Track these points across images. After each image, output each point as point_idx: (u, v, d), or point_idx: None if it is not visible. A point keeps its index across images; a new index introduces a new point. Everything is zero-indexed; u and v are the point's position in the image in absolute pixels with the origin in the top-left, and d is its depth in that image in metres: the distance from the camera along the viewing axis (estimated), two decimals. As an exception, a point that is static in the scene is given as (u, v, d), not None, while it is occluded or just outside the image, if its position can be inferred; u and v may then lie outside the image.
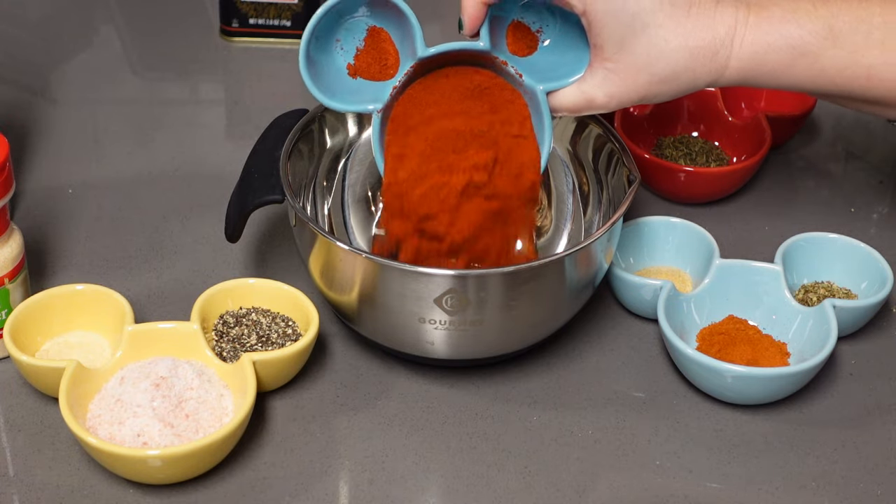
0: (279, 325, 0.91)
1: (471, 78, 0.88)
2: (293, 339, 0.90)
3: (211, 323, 0.91)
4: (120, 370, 0.86)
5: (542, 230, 1.02)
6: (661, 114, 1.14)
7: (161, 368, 0.85)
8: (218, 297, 0.91)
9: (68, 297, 0.91)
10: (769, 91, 1.17)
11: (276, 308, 0.92)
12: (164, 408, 0.83)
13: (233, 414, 0.84)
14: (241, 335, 0.90)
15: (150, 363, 0.86)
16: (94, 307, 0.91)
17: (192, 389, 0.85)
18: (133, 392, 0.84)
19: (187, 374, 0.85)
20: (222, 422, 0.84)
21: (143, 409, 0.83)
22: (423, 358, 0.92)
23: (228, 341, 0.90)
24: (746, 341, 0.94)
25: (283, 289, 0.92)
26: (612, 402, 0.92)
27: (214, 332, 0.91)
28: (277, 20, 1.26)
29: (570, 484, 0.86)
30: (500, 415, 0.91)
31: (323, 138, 0.99)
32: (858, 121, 1.22)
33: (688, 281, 1.00)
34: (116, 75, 1.23)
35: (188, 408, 0.84)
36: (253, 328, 0.91)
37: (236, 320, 0.91)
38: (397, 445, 0.88)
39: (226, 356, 0.89)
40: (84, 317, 0.91)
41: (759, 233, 1.07)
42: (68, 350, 0.90)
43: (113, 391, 0.85)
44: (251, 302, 0.92)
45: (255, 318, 0.91)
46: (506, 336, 0.90)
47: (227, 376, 0.87)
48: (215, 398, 0.85)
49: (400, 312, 0.87)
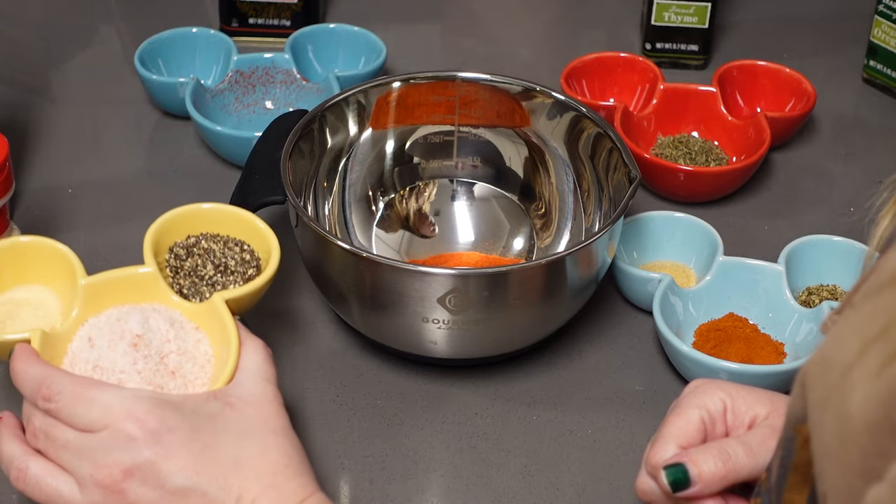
0: (233, 251, 0.84)
1: None
2: (252, 265, 0.84)
3: (163, 259, 0.83)
4: (81, 328, 0.79)
5: (543, 230, 1.02)
6: (661, 113, 1.14)
7: (133, 325, 0.78)
8: (166, 229, 0.84)
9: (9, 251, 0.83)
10: (769, 91, 1.17)
11: (224, 232, 0.85)
12: (149, 369, 0.76)
13: (213, 359, 0.79)
14: (195, 267, 0.83)
15: (116, 319, 0.79)
16: (37, 262, 0.83)
17: (170, 342, 0.78)
18: (110, 356, 0.77)
19: (160, 326, 0.78)
20: (205, 370, 0.78)
21: (128, 374, 0.76)
22: (423, 357, 0.92)
23: (185, 276, 0.83)
24: (743, 339, 0.94)
25: (230, 211, 0.86)
26: (613, 401, 0.92)
27: (168, 268, 0.83)
28: (277, 20, 1.26)
29: (570, 484, 0.86)
30: (500, 414, 0.91)
31: (323, 138, 0.99)
32: (858, 121, 1.22)
33: (691, 276, 1.00)
34: (116, 75, 1.23)
35: (171, 364, 0.77)
36: (206, 257, 0.83)
37: (187, 251, 0.84)
38: (397, 445, 0.88)
39: (186, 293, 0.82)
40: (27, 273, 0.83)
41: (759, 232, 1.07)
42: (17, 310, 0.82)
43: (85, 355, 0.77)
44: (198, 229, 0.85)
45: (205, 246, 0.84)
46: (508, 335, 0.90)
47: (195, 317, 0.80)
48: (193, 345, 0.79)
49: (403, 312, 0.87)
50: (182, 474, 0.70)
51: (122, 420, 0.70)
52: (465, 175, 1.05)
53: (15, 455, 0.73)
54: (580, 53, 1.18)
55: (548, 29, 1.36)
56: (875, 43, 1.22)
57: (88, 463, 0.70)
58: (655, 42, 1.24)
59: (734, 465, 0.72)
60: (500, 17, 1.35)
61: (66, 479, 0.71)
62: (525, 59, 1.30)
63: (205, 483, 0.70)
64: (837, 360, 0.52)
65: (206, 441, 0.71)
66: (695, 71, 1.25)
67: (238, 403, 0.74)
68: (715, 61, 1.25)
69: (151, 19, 1.28)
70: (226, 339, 0.78)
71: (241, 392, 0.75)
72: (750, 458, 0.72)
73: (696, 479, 0.71)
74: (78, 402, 0.71)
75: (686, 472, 0.72)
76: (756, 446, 0.72)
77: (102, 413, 0.71)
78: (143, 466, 0.70)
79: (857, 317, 0.52)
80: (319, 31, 1.21)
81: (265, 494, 0.70)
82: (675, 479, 0.72)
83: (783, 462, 0.59)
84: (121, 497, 0.70)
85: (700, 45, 1.24)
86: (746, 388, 0.77)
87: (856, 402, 0.49)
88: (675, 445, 0.74)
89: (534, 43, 1.33)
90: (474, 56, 1.29)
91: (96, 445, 0.70)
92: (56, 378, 0.72)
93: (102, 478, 0.70)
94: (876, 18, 1.21)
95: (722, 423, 0.75)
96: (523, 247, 1.02)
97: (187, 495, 0.70)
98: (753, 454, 0.72)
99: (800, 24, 1.34)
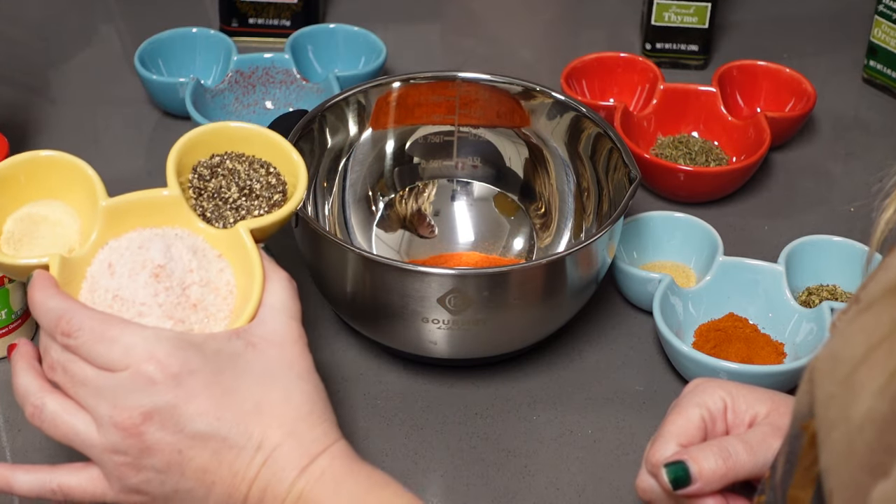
0: (259, 173, 0.80)
1: None
2: (279, 189, 0.80)
3: (186, 179, 0.79)
4: (101, 252, 0.75)
5: (543, 230, 1.02)
6: (661, 113, 1.14)
7: (155, 253, 0.74)
8: (190, 147, 0.79)
9: (29, 165, 0.79)
10: (769, 91, 1.17)
11: (250, 152, 0.81)
12: (170, 302, 0.73)
13: (236, 290, 0.76)
14: (219, 188, 0.79)
15: (138, 247, 0.75)
16: (58, 179, 0.78)
17: (192, 272, 0.75)
18: (131, 286, 0.73)
19: (183, 255, 0.75)
20: (228, 302, 0.75)
21: (149, 307, 0.73)
22: (423, 357, 0.92)
23: (208, 198, 0.78)
24: (743, 339, 0.94)
25: (257, 130, 0.81)
26: (612, 401, 0.92)
27: (191, 188, 0.79)
28: (277, 20, 1.26)
29: (570, 484, 0.86)
30: (500, 414, 0.91)
31: (323, 138, 0.99)
32: (858, 121, 1.22)
33: (692, 276, 1.00)
34: (116, 75, 1.23)
35: (193, 296, 0.74)
36: (231, 178, 0.79)
37: (211, 171, 0.79)
38: (397, 445, 0.88)
39: (210, 216, 0.78)
40: (46, 188, 0.79)
41: (759, 232, 1.07)
42: (35, 227, 0.78)
43: (105, 283, 0.74)
44: (222, 148, 0.81)
45: (230, 166, 0.80)
46: (508, 335, 0.90)
47: (218, 244, 0.77)
48: (216, 275, 0.76)
49: (403, 312, 0.87)
50: (202, 420, 0.68)
51: (143, 362, 0.68)
52: (465, 175, 1.05)
53: (31, 390, 0.71)
54: (580, 53, 1.18)
55: (548, 29, 1.36)
56: (875, 43, 1.22)
57: (107, 403, 0.68)
58: (655, 42, 1.24)
59: (735, 464, 0.72)
60: (500, 17, 1.35)
61: (83, 417, 0.69)
62: (525, 60, 1.30)
63: (225, 429, 0.68)
64: (845, 357, 0.52)
65: (227, 385, 0.69)
66: (695, 71, 1.25)
67: (261, 344, 0.72)
68: (715, 61, 1.25)
69: (151, 19, 1.28)
70: (249, 269, 0.75)
71: (264, 331, 0.72)
72: (750, 457, 0.72)
73: (697, 477, 0.71)
74: (98, 341, 0.69)
75: (687, 469, 0.72)
76: (756, 444, 0.72)
77: (123, 353, 0.68)
78: (163, 410, 0.68)
79: (864, 315, 0.52)
80: (319, 32, 1.21)
81: (286, 443, 0.69)
82: (676, 476, 0.72)
83: (789, 458, 0.59)
84: (139, 440, 0.68)
85: (700, 45, 1.24)
86: (747, 386, 0.77)
87: (863, 398, 0.49)
88: (676, 444, 0.74)
89: (534, 43, 1.33)
90: (474, 56, 1.29)
91: (116, 386, 0.68)
92: (76, 313, 0.70)
93: (121, 420, 0.68)
94: (876, 18, 1.21)
95: (722, 422, 0.75)
96: (523, 247, 1.02)
97: (206, 441, 0.68)
98: (754, 452, 0.72)
99: (800, 24, 1.34)
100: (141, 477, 0.69)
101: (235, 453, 0.68)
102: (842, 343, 0.53)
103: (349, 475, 0.69)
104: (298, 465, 0.69)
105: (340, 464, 0.70)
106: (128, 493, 0.70)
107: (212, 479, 0.69)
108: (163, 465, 0.68)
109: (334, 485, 0.69)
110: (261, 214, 0.78)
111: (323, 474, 0.69)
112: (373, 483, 0.70)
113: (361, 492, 0.69)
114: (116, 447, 0.68)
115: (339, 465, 0.70)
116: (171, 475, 0.69)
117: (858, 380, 0.50)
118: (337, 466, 0.69)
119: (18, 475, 0.72)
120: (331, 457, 0.70)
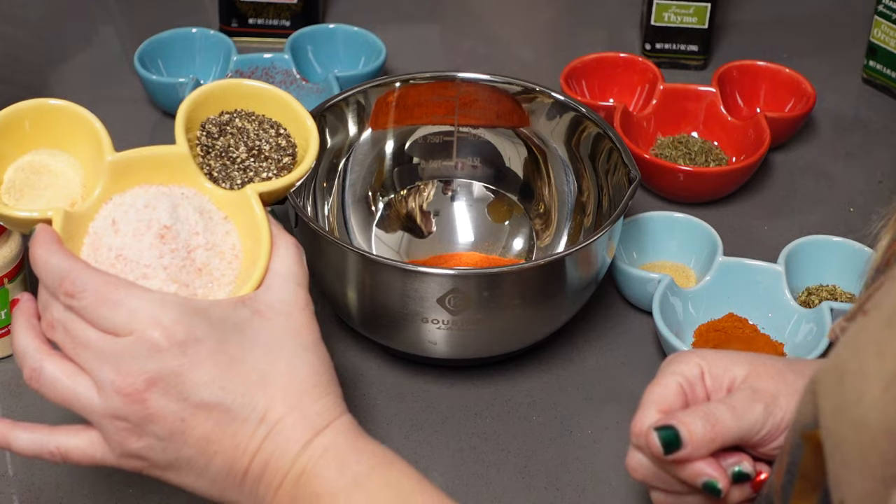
0: (268, 133, 0.77)
1: None
2: (288, 152, 0.77)
3: (194, 136, 0.77)
4: (105, 207, 0.73)
5: (543, 230, 1.02)
6: (661, 113, 1.14)
7: (161, 213, 0.72)
8: (199, 103, 0.77)
9: (35, 112, 0.76)
10: (769, 91, 1.17)
11: (260, 111, 0.79)
12: (175, 265, 0.71)
13: (241, 254, 0.74)
14: (227, 147, 0.76)
15: (143, 205, 0.72)
16: (63, 129, 0.76)
17: (198, 234, 0.73)
18: (136, 246, 0.71)
19: (189, 216, 0.73)
20: (233, 267, 0.73)
21: (153, 269, 0.71)
22: (423, 357, 0.92)
23: (216, 157, 0.76)
24: (742, 339, 0.94)
25: (270, 90, 0.78)
26: (613, 401, 0.92)
27: (199, 146, 0.76)
28: (277, 20, 1.26)
29: (569, 484, 0.86)
30: (500, 415, 0.91)
31: (323, 138, 0.99)
32: (858, 121, 1.22)
33: (691, 276, 1.00)
34: (116, 75, 1.23)
35: (198, 259, 0.72)
36: (240, 137, 0.77)
37: (219, 129, 0.77)
38: (397, 445, 0.88)
39: (217, 175, 0.75)
40: (50, 137, 0.76)
41: (759, 233, 1.07)
42: (36, 177, 0.75)
43: (108, 241, 0.72)
44: (233, 106, 0.78)
45: (239, 125, 0.77)
46: (508, 335, 0.90)
47: (224, 205, 0.75)
48: (221, 238, 0.74)
49: (403, 312, 0.87)
50: (207, 389, 0.67)
51: (148, 327, 0.66)
52: (465, 175, 1.05)
53: (29, 351, 0.69)
54: (580, 53, 1.18)
55: (548, 29, 1.36)
56: (875, 43, 1.22)
57: (111, 368, 0.67)
58: (655, 42, 1.24)
59: (721, 428, 0.71)
60: (500, 18, 1.35)
61: (83, 381, 0.68)
62: (525, 60, 1.30)
63: (229, 399, 0.67)
64: (853, 367, 0.51)
65: (233, 353, 0.68)
66: (694, 71, 1.25)
67: (268, 312, 0.70)
68: (715, 61, 1.25)
69: (151, 19, 1.28)
70: (255, 234, 0.73)
71: (270, 299, 0.71)
72: (735, 421, 0.71)
73: (688, 440, 0.70)
74: (102, 304, 0.67)
75: (677, 433, 0.70)
76: (741, 408, 0.71)
77: (128, 318, 0.67)
78: (168, 377, 0.66)
79: (872, 325, 0.52)
80: (319, 32, 1.21)
81: (290, 416, 0.68)
82: (667, 439, 0.70)
83: (790, 468, 0.59)
84: (141, 406, 0.67)
85: (700, 45, 1.24)
86: (722, 351, 0.76)
87: (875, 409, 0.49)
88: (656, 411, 0.73)
89: (534, 43, 1.33)
90: (474, 56, 1.29)
91: (120, 351, 0.67)
92: (80, 274, 0.68)
93: (124, 386, 0.66)
94: (876, 19, 1.21)
95: (701, 388, 0.74)
96: (523, 247, 1.02)
97: (210, 410, 0.67)
98: (738, 417, 0.71)
99: (800, 24, 1.34)
100: (142, 443, 0.68)
101: (238, 424, 0.68)
102: (848, 353, 0.52)
103: (353, 452, 0.68)
104: (302, 439, 0.68)
105: (344, 440, 0.68)
106: (127, 458, 0.69)
107: (214, 450, 0.68)
108: (165, 433, 0.67)
109: (337, 462, 0.67)
110: (269, 177, 0.76)
111: (326, 451, 0.68)
112: (377, 461, 0.68)
113: (365, 470, 0.67)
114: (118, 413, 0.67)
115: (343, 442, 0.68)
116: (172, 443, 0.68)
117: (868, 390, 0.50)
118: (341, 443, 0.68)
119: (18, 433, 0.71)
120: (335, 432, 0.69)
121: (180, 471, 0.69)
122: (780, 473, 0.61)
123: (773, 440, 0.72)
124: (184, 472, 0.69)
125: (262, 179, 0.76)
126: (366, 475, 0.67)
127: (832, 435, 0.52)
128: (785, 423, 0.72)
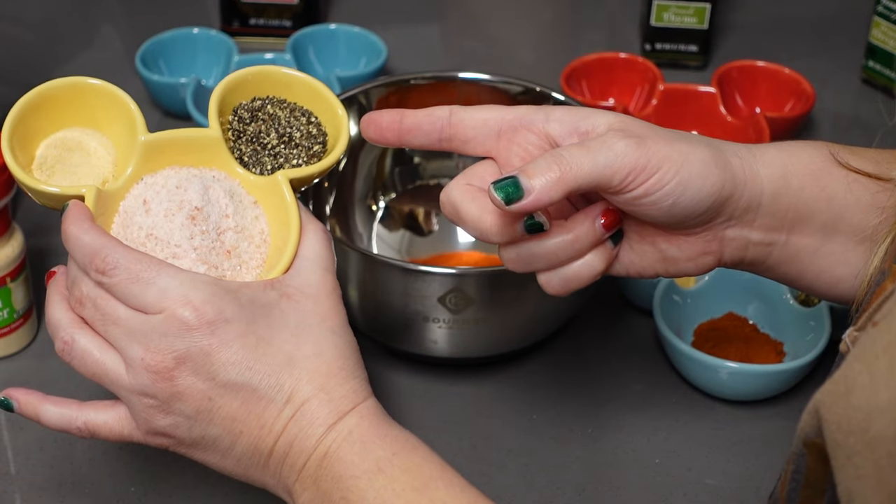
0: (300, 121, 0.77)
1: None
2: (319, 140, 0.77)
3: (226, 120, 0.77)
4: (136, 186, 0.74)
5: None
6: (661, 114, 1.14)
7: (192, 195, 0.73)
8: (233, 88, 0.77)
9: (70, 90, 0.76)
10: (769, 91, 1.17)
11: (292, 98, 0.78)
12: (205, 246, 0.72)
13: (269, 239, 0.74)
14: (258, 133, 0.76)
15: (175, 186, 0.73)
16: (97, 107, 0.76)
17: (228, 217, 0.73)
18: (167, 226, 0.72)
19: (220, 198, 0.73)
20: (261, 251, 0.74)
21: (183, 249, 0.71)
22: (424, 356, 0.92)
23: (247, 142, 0.76)
24: (742, 338, 0.94)
25: (303, 78, 0.78)
26: (612, 401, 0.92)
27: (231, 131, 0.76)
28: (278, 20, 1.26)
29: (569, 483, 0.86)
30: (500, 414, 0.91)
31: (324, 138, 0.99)
32: (857, 121, 1.22)
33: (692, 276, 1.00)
34: (117, 75, 1.23)
35: (228, 242, 0.73)
36: (271, 123, 0.77)
37: (251, 115, 0.77)
38: (398, 444, 0.88)
39: (247, 161, 0.76)
40: (84, 116, 0.76)
41: (759, 233, 1.07)
42: (68, 154, 0.75)
43: (139, 220, 0.72)
44: (265, 92, 0.78)
45: (271, 111, 0.77)
46: (508, 334, 0.90)
47: (255, 190, 0.75)
48: (251, 222, 0.74)
49: (403, 311, 0.87)
50: (234, 368, 0.67)
51: (178, 306, 0.67)
52: (466, 175, 1.05)
53: (62, 323, 0.70)
54: (580, 54, 1.18)
55: (548, 29, 1.36)
56: (874, 43, 1.22)
57: (140, 345, 0.67)
58: (655, 42, 1.24)
59: (569, 167, 0.65)
60: (500, 18, 1.36)
61: (112, 356, 0.69)
62: (525, 60, 1.30)
63: (256, 379, 0.68)
64: (863, 381, 0.51)
65: (261, 335, 0.68)
66: (694, 71, 1.25)
67: (296, 295, 0.71)
68: (714, 62, 1.25)
69: (153, 20, 1.28)
70: (284, 218, 0.74)
71: (299, 282, 0.71)
72: (588, 157, 0.66)
73: (530, 189, 0.65)
74: (134, 282, 0.68)
75: (517, 182, 0.65)
76: (596, 147, 0.66)
77: (159, 296, 0.67)
78: (197, 356, 0.67)
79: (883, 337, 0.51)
80: (320, 32, 1.21)
81: (316, 397, 0.68)
82: (507, 193, 0.65)
83: (794, 477, 0.59)
84: (169, 384, 0.67)
85: (699, 45, 1.24)
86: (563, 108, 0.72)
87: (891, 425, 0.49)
88: (465, 182, 0.70)
89: (534, 43, 1.34)
90: (475, 57, 1.29)
91: (150, 329, 0.67)
92: (112, 251, 0.68)
93: (154, 363, 0.67)
94: (875, 19, 1.21)
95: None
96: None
97: (237, 390, 0.68)
98: (591, 152, 0.66)
99: (799, 25, 1.34)
100: (169, 420, 0.68)
101: (265, 405, 0.68)
102: (860, 367, 0.52)
103: (377, 437, 0.68)
104: (326, 421, 0.68)
105: (369, 424, 0.69)
106: (154, 435, 0.69)
107: (239, 429, 0.68)
108: (192, 411, 0.68)
109: (361, 446, 0.68)
110: (298, 165, 0.76)
111: (350, 434, 0.68)
112: (401, 446, 0.69)
113: (387, 455, 0.68)
114: (146, 390, 0.68)
115: (368, 425, 0.69)
116: (199, 421, 0.68)
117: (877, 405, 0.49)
118: (365, 426, 0.69)
119: (47, 406, 0.71)
120: (359, 416, 0.69)
121: (206, 449, 0.69)
122: (785, 482, 0.60)
123: (640, 185, 0.67)
124: (209, 451, 0.69)
125: (292, 166, 0.76)
126: (388, 460, 0.67)
127: (841, 448, 0.52)
128: (652, 165, 0.66)
